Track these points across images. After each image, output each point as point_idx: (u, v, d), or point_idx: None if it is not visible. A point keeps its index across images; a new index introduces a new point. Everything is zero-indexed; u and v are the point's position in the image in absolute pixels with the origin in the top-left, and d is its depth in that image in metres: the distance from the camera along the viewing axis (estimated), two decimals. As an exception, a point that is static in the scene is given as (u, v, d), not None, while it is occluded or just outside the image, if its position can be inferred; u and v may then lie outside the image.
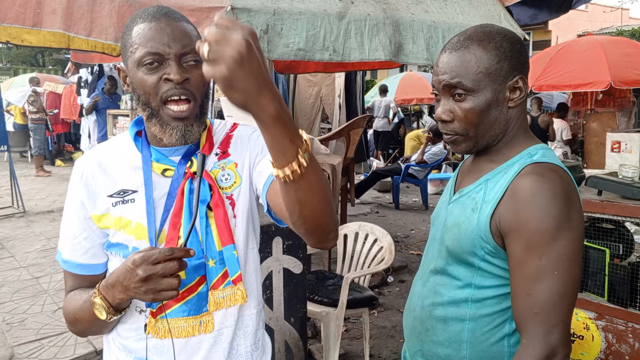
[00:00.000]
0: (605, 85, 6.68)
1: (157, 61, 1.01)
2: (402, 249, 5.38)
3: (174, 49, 1.01)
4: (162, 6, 1.08)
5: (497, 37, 1.10)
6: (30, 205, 7.01)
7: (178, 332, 1.07)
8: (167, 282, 0.92)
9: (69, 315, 1.12)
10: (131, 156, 1.11)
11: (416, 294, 1.27)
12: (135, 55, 1.02)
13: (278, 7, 2.11)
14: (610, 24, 21.24)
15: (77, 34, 2.22)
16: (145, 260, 0.91)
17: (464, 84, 1.08)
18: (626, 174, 2.34)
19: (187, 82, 1.03)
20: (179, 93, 1.02)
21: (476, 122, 1.10)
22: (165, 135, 1.05)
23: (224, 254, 1.08)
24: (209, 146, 1.14)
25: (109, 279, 1.00)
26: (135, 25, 1.04)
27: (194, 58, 1.04)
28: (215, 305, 1.09)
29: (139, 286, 0.92)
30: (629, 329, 2.10)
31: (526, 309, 1.02)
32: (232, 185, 1.12)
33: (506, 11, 2.78)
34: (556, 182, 1.03)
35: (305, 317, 2.65)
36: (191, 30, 1.07)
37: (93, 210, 1.09)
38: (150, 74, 1.02)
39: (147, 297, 0.94)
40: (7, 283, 4.19)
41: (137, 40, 1.02)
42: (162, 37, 1.01)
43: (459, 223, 1.14)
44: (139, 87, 1.04)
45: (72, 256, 1.12)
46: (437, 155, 7.51)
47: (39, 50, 22.91)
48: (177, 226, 1.06)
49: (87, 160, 1.13)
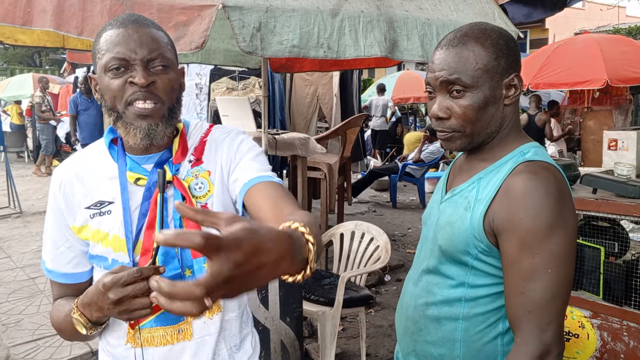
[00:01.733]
0: (602, 83, 6.68)
1: (123, 66, 1.01)
2: (399, 247, 5.38)
3: (140, 54, 1.00)
4: (133, 13, 1.08)
5: (494, 35, 1.10)
6: (26, 205, 7.00)
7: (158, 340, 1.08)
8: (139, 302, 0.91)
9: (55, 324, 1.12)
10: (106, 166, 1.10)
11: (409, 294, 1.26)
12: (102, 60, 1.02)
13: (270, 5, 2.10)
14: (607, 22, 21.25)
15: (68, 32, 2.20)
16: (115, 284, 0.89)
17: (463, 80, 1.08)
18: (621, 172, 2.34)
19: (152, 85, 1.02)
20: (143, 97, 1.01)
21: (474, 118, 1.10)
22: (129, 136, 1.03)
23: (194, 266, 1.07)
24: (182, 152, 1.12)
25: (84, 298, 0.99)
26: (104, 32, 1.04)
27: (162, 63, 1.03)
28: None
29: (112, 307, 0.91)
30: (624, 327, 2.10)
31: (519, 308, 1.02)
32: (205, 194, 1.11)
33: (500, 9, 2.78)
34: (549, 180, 1.03)
35: (301, 316, 2.64)
36: (160, 36, 1.06)
37: (72, 222, 1.09)
38: (116, 78, 1.01)
39: (122, 317, 0.93)
40: (3, 284, 4.18)
41: (104, 46, 1.02)
42: (129, 42, 1.01)
43: (451, 222, 1.14)
44: (105, 92, 1.03)
45: (56, 266, 1.12)
46: (434, 153, 7.51)
47: (36, 50, 22.89)
48: (151, 238, 1.05)
49: (65, 171, 1.12)
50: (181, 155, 1.11)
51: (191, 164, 1.12)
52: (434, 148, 7.47)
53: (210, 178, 1.11)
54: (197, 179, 1.11)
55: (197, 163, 1.12)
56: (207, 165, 1.12)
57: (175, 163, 1.10)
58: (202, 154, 1.14)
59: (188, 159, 1.12)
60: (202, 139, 1.16)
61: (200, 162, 1.13)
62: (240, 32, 2.05)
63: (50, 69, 19.29)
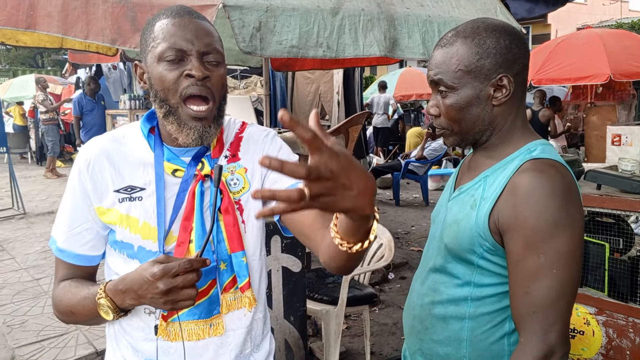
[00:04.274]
0: (605, 78, 6.65)
1: (179, 57, 1.00)
2: (403, 245, 5.37)
3: (197, 46, 1.00)
4: (185, 6, 1.06)
5: (483, 34, 1.08)
6: (30, 206, 7.01)
7: (189, 334, 1.07)
8: (186, 293, 0.91)
9: (63, 307, 1.09)
10: (141, 152, 1.09)
11: (415, 293, 1.26)
12: (156, 50, 1.00)
13: (271, 4, 2.09)
14: (609, 16, 21.17)
15: (76, 37, 2.21)
16: (166, 274, 0.89)
17: (444, 80, 1.09)
18: (625, 167, 2.32)
19: (207, 80, 1.01)
20: (199, 90, 1.00)
21: (457, 118, 1.11)
22: (182, 135, 1.03)
23: (233, 260, 1.08)
24: (219, 148, 1.12)
25: (118, 285, 0.98)
26: (157, 21, 1.03)
27: (216, 58, 1.03)
28: (227, 308, 1.09)
29: (157, 297, 0.91)
30: (629, 324, 2.09)
31: (524, 308, 1.01)
32: (240, 190, 1.11)
33: (502, 5, 2.77)
34: (555, 178, 1.02)
35: (305, 315, 2.64)
36: (213, 30, 1.06)
37: (98, 203, 1.06)
38: (171, 69, 1.00)
39: (165, 307, 0.93)
40: (7, 285, 4.19)
41: (160, 35, 1.00)
42: (185, 33, 1.00)
43: (457, 220, 1.13)
44: (157, 83, 1.02)
45: (70, 246, 1.09)
46: (437, 151, 7.49)
47: (38, 51, 22.94)
48: (189, 229, 1.05)
49: (94, 149, 1.09)
50: (219, 150, 1.12)
51: (227, 159, 1.12)
52: (437, 145, 7.45)
53: (246, 175, 1.12)
54: (232, 174, 1.11)
55: (233, 159, 1.13)
56: (244, 162, 1.13)
57: (214, 158, 1.10)
58: (237, 150, 1.14)
59: (224, 154, 1.13)
60: (237, 135, 1.16)
61: (237, 158, 1.13)
62: (240, 32, 2.05)
63: (52, 69, 19.32)
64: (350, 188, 0.67)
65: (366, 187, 0.69)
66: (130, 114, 7.05)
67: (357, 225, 0.79)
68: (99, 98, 7.81)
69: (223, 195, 1.07)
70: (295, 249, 2.53)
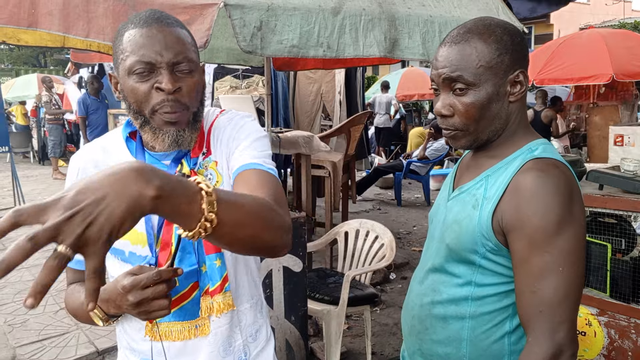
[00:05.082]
0: (608, 79, 6.64)
1: (149, 70, 0.98)
2: (405, 245, 5.37)
3: (166, 57, 0.98)
4: (155, 10, 1.04)
5: (498, 30, 1.08)
6: (32, 206, 7.01)
7: (175, 335, 1.08)
8: (157, 304, 0.91)
9: (70, 309, 1.13)
10: (124, 158, 1.09)
11: (414, 293, 1.25)
12: (126, 63, 0.99)
13: (272, 3, 2.09)
14: (612, 16, 21.12)
15: (76, 35, 2.21)
16: (135, 286, 0.89)
17: (465, 77, 1.06)
18: (628, 167, 2.31)
19: (179, 91, 1.00)
20: (170, 106, 0.99)
21: (477, 116, 1.08)
22: (157, 142, 1.03)
23: (207, 263, 1.07)
24: (198, 146, 1.12)
25: (102, 294, 0.98)
26: (126, 30, 1.01)
27: (187, 67, 1.01)
28: (208, 311, 1.09)
29: (131, 309, 0.91)
30: (631, 325, 2.08)
31: (531, 307, 1.00)
32: (215, 185, 1.10)
33: (504, 4, 2.76)
34: (558, 177, 1.02)
35: (306, 315, 2.64)
36: (185, 35, 1.04)
37: None
38: (142, 82, 0.99)
39: (140, 317, 0.94)
40: (9, 284, 4.19)
41: (128, 48, 0.99)
42: (154, 44, 0.98)
43: (459, 220, 1.12)
44: (129, 96, 1.01)
45: None
46: (439, 151, 7.48)
47: (41, 51, 23.00)
48: (170, 232, 1.05)
49: (83, 158, 1.11)
50: (198, 148, 1.11)
51: (204, 155, 1.12)
52: (439, 145, 7.44)
53: (217, 168, 1.11)
54: (207, 170, 1.11)
55: (207, 154, 1.12)
56: (215, 156, 1.12)
57: (193, 157, 1.10)
58: (210, 145, 1.13)
59: (203, 151, 1.12)
60: (209, 128, 1.15)
61: (209, 152, 1.12)
62: (241, 31, 2.04)
63: (55, 69, 19.37)
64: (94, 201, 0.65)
65: (119, 184, 0.65)
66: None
67: (167, 213, 0.71)
68: (103, 97, 7.82)
69: None
70: (297, 249, 2.53)
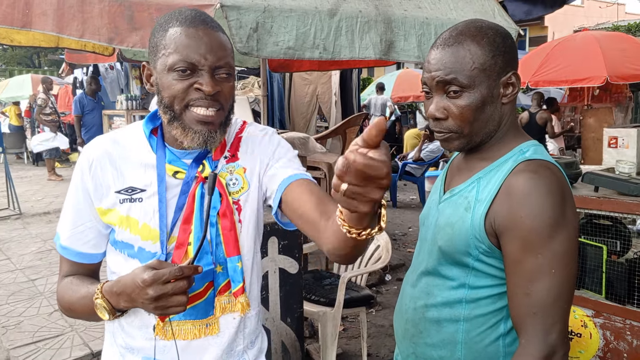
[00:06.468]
0: (602, 81, 6.66)
1: (190, 69, 0.99)
2: (400, 247, 5.37)
3: (209, 61, 0.99)
4: (200, 12, 1.05)
5: (490, 32, 1.08)
6: (26, 207, 6.98)
7: (185, 334, 1.08)
8: (176, 300, 0.91)
9: (64, 303, 1.11)
10: (143, 154, 1.09)
11: (407, 296, 1.25)
12: (168, 59, 0.99)
13: (268, 4, 2.09)
14: (606, 19, 21.24)
15: (71, 35, 2.20)
16: (156, 281, 0.89)
17: (460, 80, 1.06)
18: (623, 169, 2.32)
19: (218, 94, 1.01)
20: (207, 104, 1.00)
21: (471, 118, 1.08)
22: (187, 139, 1.03)
23: (228, 265, 1.08)
24: (220, 149, 1.12)
25: (114, 287, 0.98)
26: (171, 27, 1.01)
27: (227, 72, 1.02)
28: (221, 311, 1.10)
29: (148, 303, 0.91)
30: (626, 326, 2.09)
31: (524, 309, 1.01)
32: (239, 190, 1.11)
33: (500, 6, 2.77)
34: (550, 179, 1.02)
35: (302, 317, 2.63)
36: (227, 41, 1.05)
37: (99, 204, 1.07)
38: (181, 80, 0.99)
39: (156, 312, 0.94)
40: (2, 286, 4.16)
41: (172, 45, 0.99)
42: (199, 46, 0.98)
43: (451, 223, 1.12)
44: (165, 90, 1.01)
45: (72, 244, 1.10)
46: (434, 152, 7.50)
47: (35, 51, 22.88)
48: (187, 232, 1.05)
49: (97, 149, 1.09)
50: (220, 151, 1.12)
51: (226, 159, 1.13)
52: (434, 147, 7.46)
53: (245, 175, 1.12)
54: (231, 174, 1.11)
55: (232, 159, 1.13)
56: (243, 162, 1.13)
57: (215, 159, 1.11)
58: (237, 150, 1.14)
59: (224, 155, 1.13)
60: (237, 135, 1.16)
61: (236, 158, 1.13)
62: (237, 33, 2.04)
63: (49, 69, 19.28)
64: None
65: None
66: (127, 115, 7.03)
67: (366, 215, 0.77)
68: (99, 98, 7.81)
69: (222, 198, 1.07)
70: (293, 251, 2.52)
